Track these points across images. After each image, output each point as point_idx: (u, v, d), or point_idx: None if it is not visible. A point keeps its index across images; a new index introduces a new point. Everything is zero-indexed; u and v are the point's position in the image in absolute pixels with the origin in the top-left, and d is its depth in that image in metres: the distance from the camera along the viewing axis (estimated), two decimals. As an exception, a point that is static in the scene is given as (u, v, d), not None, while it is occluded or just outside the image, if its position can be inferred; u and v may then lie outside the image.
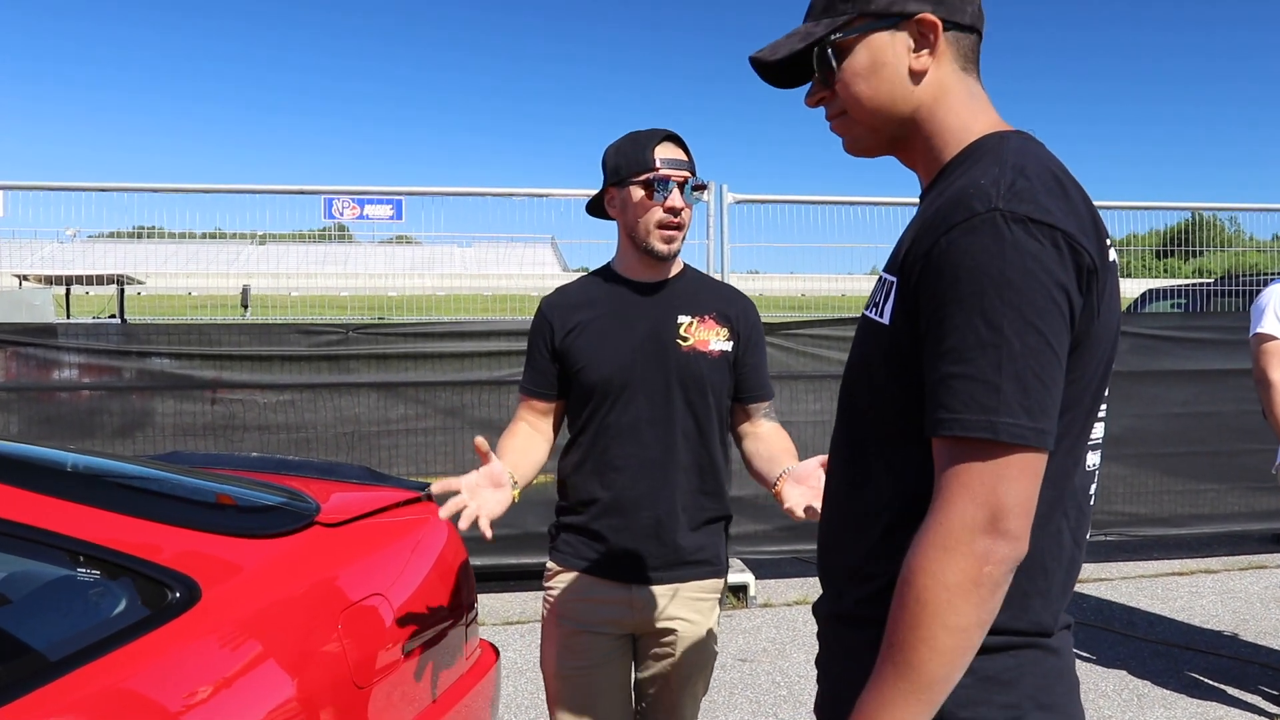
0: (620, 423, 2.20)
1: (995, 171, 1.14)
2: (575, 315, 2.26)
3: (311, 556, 2.12)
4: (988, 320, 1.06)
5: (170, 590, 1.81)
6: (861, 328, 1.31)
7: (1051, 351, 1.08)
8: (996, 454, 1.06)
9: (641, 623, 2.24)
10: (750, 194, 5.85)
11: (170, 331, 5.20)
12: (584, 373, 2.22)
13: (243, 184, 6.71)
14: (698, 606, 2.27)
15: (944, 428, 1.09)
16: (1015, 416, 1.06)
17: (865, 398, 1.27)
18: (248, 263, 18.58)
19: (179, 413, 5.12)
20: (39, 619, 1.73)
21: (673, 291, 2.28)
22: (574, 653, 2.24)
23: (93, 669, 1.61)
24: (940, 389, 1.10)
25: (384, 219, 7.39)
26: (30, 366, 5.06)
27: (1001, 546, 1.06)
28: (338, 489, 2.56)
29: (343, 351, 5.24)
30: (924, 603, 1.06)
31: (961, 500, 1.07)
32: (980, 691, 1.15)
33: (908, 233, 1.24)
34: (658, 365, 2.20)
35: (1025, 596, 1.16)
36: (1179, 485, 6.13)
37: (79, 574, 1.76)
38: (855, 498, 1.27)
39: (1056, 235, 1.09)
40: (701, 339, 2.23)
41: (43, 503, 1.75)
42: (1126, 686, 4.16)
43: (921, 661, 1.06)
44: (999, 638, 1.15)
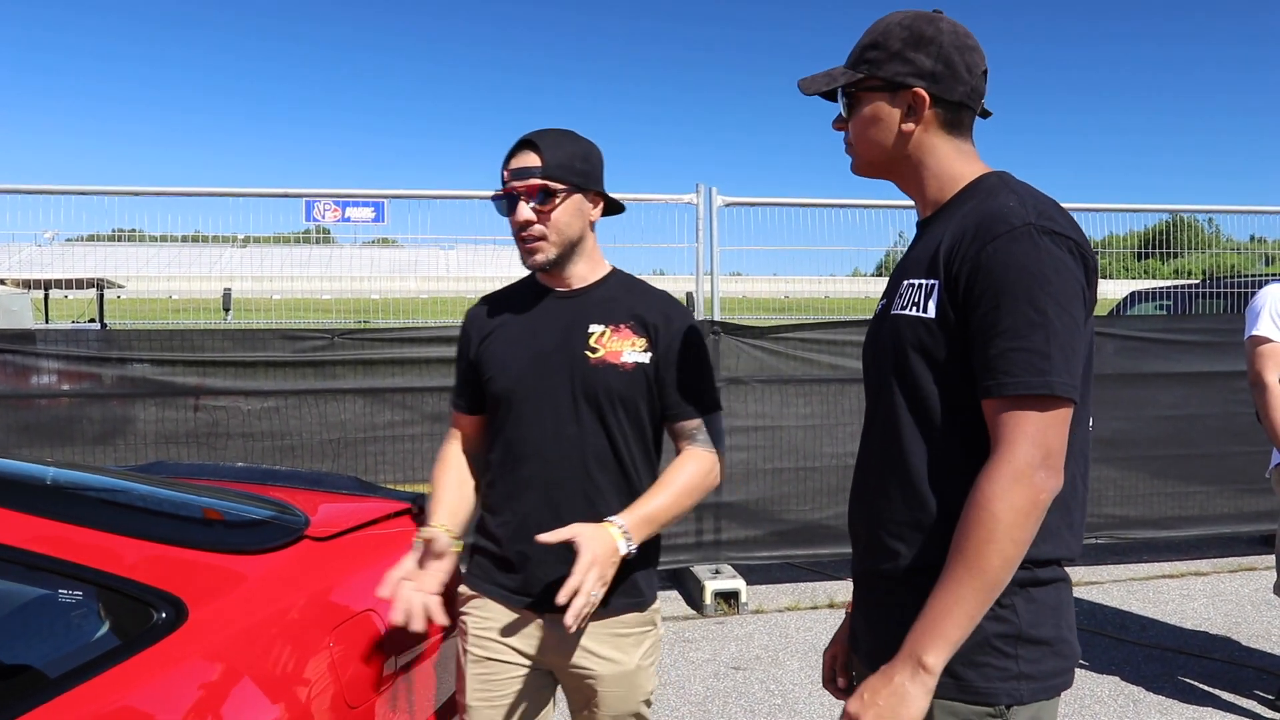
0: (524, 438, 2.05)
1: (1015, 200, 1.47)
2: (490, 323, 2.16)
3: (301, 572, 2.06)
4: (1035, 307, 1.38)
5: (156, 610, 1.74)
6: (891, 322, 1.58)
7: (1079, 329, 1.42)
8: (1049, 406, 1.38)
9: (557, 659, 2.08)
10: (740, 196, 5.81)
11: (152, 337, 5.10)
12: (490, 383, 2.11)
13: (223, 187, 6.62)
14: (619, 643, 2.07)
15: (1009, 389, 1.38)
16: (1061, 376, 1.37)
17: (900, 380, 1.54)
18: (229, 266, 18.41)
19: (161, 420, 5.03)
20: (19, 642, 1.66)
21: (590, 298, 2.12)
22: (485, 683, 2.08)
23: (76, 694, 1.55)
24: (1001, 360, 1.39)
25: (366, 221, 7.32)
26: (7, 373, 4.96)
27: (1052, 479, 1.38)
28: (326, 500, 2.50)
29: (327, 357, 5.17)
30: (999, 521, 1.35)
31: (1024, 443, 1.37)
32: (1043, 613, 1.47)
33: (935, 246, 1.52)
34: (562, 377, 2.05)
35: (1060, 529, 1.47)
36: (1168, 488, 6.12)
37: (60, 595, 1.69)
38: (904, 470, 1.53)
39: (1071, 244, 1.44)
40: (613, 350, 2.06)
41: (22, 520, 1.68)
42: (1121, 692, 4.14)
43: (993, 567, 1.36)
44: (1049, 569, 1.48)
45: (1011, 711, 1.45)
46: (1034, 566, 1.45)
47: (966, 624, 1.38)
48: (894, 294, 1.61)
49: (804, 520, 5.59)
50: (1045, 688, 1.47)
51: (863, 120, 1.64)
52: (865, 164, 1.68)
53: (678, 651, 4.66)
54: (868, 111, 1.62)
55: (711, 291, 5.77)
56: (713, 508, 5.52)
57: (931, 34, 1.57)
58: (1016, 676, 1.45)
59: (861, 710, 1.42)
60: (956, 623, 1.38)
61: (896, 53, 1.58)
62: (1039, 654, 1.46)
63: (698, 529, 5.52)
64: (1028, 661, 1.45)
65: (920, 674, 1.39)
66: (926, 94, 1.57)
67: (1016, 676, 1.45)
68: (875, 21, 1.66)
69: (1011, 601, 1.44)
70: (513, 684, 2.09)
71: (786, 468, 5.61)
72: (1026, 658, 1.45)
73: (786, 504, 5.60)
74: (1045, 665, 1.47)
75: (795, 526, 5.60)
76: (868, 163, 1.67)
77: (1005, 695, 1.44)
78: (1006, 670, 1.44)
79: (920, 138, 1.60)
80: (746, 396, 5.55)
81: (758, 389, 5.57)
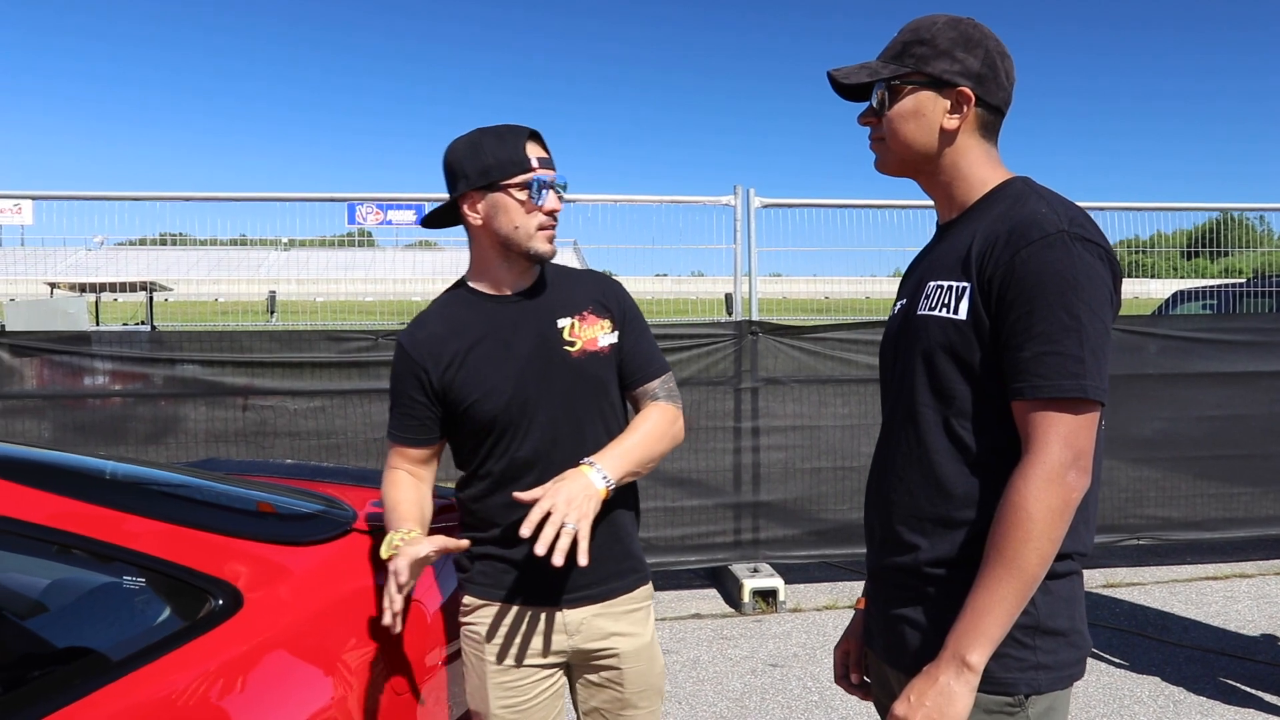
0: (528, 450, 2.04)
1: (1045, 206, 1.50)
2: (448, 348, 2.06)
3: (349, 563, 2.13)
4: (1069, 312, 1.43)
5: (212, 598, 1.82)
6: (918, 323, 1.61)
7: (1108, 333, 1.47)
8: (1081, 409, 1.42)
9: (579, 647, 2.09)
10: (778, 198, 5.84)
11: (201, 338, 5.24)
12: (475, 408, 2.03)
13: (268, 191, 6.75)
14: (633, 618, 2.13)
15: (1043, 391, 1.42)
16: (1094, 380, 1.42)
17: (928, 379, 1.58)
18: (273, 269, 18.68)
19: (210, 419, 5.16)
20: (84, 627, 1.74)
21: (542, 296, 2.11)
22: (509, 690, 2.08)
23: (136, 677, 1.63)
24: (1035, 363, 1.43)
25: (407, 224, 7.41)
26: (64, 373, 5.11)
27: (1083, 479, 1.42)
28: (372, 496, 2.57)
29: (371, 358, 5.27)
30: (1035, 521, 1.40)
31: (1057, 445, 1.41)
32: (1058, 605, 1.51)
33: (964, 248, 1.55)
34: (553, 381, 2.05)
35: (1076, 525, 1.50)
36: (1212, 489, 6.05)
37: (123, 582, 1.77)
38: (927, 465, 1.57)
39: (1101, 251, 1.48)
40: (589, 338, 2.08)
41: (87, 511, 1.76)
42: (1161, 693, 4.12)
43: (1030, 565, 1.41)
44: (1067, 563, 1.52)
45: (1030, 701, 1.49)
46: None
47: (1006, 621, 1.43)
48: (918, 294, 1.64)
49: (842, 520, 5.61)
50: (1061, 677, 1.51)
51: (902, 114, 1.64)
52: (897, 160, 1.68)
53: (716, 649, 4.70)
54: (909, 105, 1.63)
55: (750, 292, 5.80)
56: (751, 507, 5.55)
57: (979, 38, 1.61)
58: (1035, 667, 1.49)
59: (910, 712, 1.45)
60: (997, 620, 1.42)
61: (945, 51, 1.60)
62: (1055, 645, 1.51)
63: (736, 528, 5.56)
64: (1045, 652, 1.50)
65: (965, 673, 1.43)
66: (973, 94, 1.60)
67: (1035, 667, 1.49)
68: (914, 20, 1.67)
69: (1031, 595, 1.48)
70: (535, 686, 2.10)
71: (825, 467, 5.63)
72: (1044, 648, 1.50)
73: (825, 503, 5.62)
74: (1061, 655, 1.51)
75: (833, 526, 5.62)
76: (900, 159, 1.67)
77: (1024, 685, 1.49)
78: (1025, 661, 1.49)
79: (959, 138, 1.62)
80: (785, 397, 5.58)
81: (796, 389, 5.60)
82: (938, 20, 1.63)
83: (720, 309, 5.84)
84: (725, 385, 5.52)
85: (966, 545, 1.52)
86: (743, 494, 5.57)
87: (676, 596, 5.56)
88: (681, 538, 5.49)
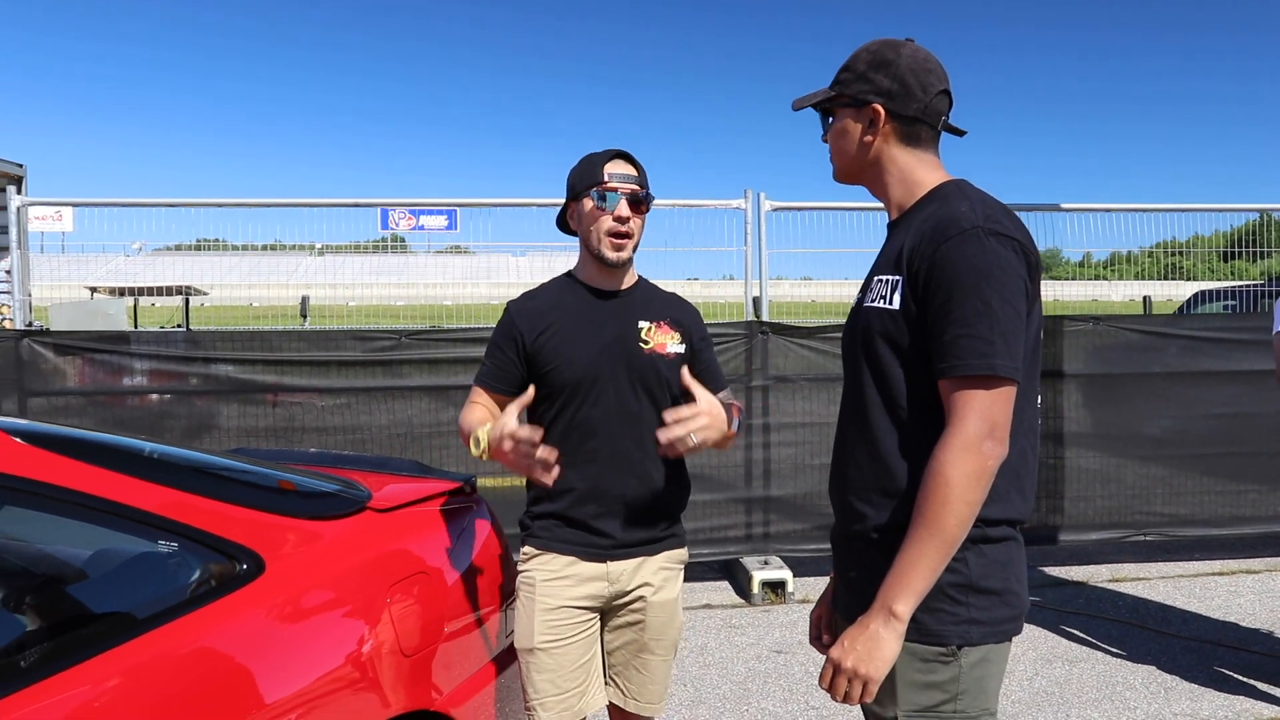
0: (592, 417, 2.36)
1: (967, 205, 1.69)
2: (544, 319, 2.43)
3: (363, 537, 2.34)
4: (982, 299, 1.60)
5: (239, 563, 2.03)
6: (864, 314, 1.81)
7: (1021, 319, 1.63)
8: (994, 385, 1.59)
9: (616, 594, 2.41)
10: (787, 201, 6.01)
11: (234, 338, 5.48)
12: (555, 372, 2.38)
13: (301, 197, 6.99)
14: (664, 575, 2.45)
15: (959, 370, 1.60)
16: (1004, 359, 1.59)
17: (869, 363, 1.76)
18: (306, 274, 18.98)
19: (242, 415, 5.40)
20: (126, 584, 1.96)
21: (631, 299, 2.47)
22: (553, 627, 2.37)
23: (170, 629, 1.84)
24: (953, 345, 1.61)
25: (439, 229, 7.60)
26: (105, 372, 5.38)
27: (998, 449, 1.59)
28: (389, 480, 2.77)
29: (395, 357, 5.49)
30: (952, 486, 1.57)
31: (973, 418, 1.59)
32: (992, 567, 1.68)
33: (900, 246, 1.74)
34: (624, 365, 2.38)
35: (1009, 493, 1.68)
36: (1219, 486, 6.14)
37: (161, 546, 1.98)
38: (881, 436, 1.74)
39: (1015, 244, 1.65)
40: (660, 342, 2.44)
41: (130, 483, 1.97)
42: (1154, 680, 4.24)
43: (948, 525, 1.58)
44: (999, 527, 1.68)
45: (962, 652, 1.66)
46: (985, 525, 1.66)
47: (930, 576, 1.60)
48: (866, 289, 1.83)
49: (851, 515, 5.73)
50: (994, 632, 1.68)
51: (835, 133, 1.88)
52: (839, 171, 1.92)
53: (724, 636, 4.88)
54: (838, 125, 1.87)
55: (760, 294, 5.97)
56: (762, 501, 5.72)
57: (891, 58, 1.80)
58: (967, 621, 1.66)
59: (843, 656, 1.64)
60: (920, 575, 1.60)
61: (861, 74, 1.82)
62: (988, 603, 1.68)
63: (747, 522, 5.73)
64: (978, 609, 1.67)
65: (892, 621, 1.61)
66: (883, 109, 1.79)
67: (967, 621, 1.66)
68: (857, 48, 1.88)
69: (963, 556, 1.65)
70: (575, 626, 2.39)
71: (834, 463, 5.76)
72: (977, 605, 1.67)
73: (834, 499, 5.75)
74: (995, 613, 1.68)
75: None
76: (841, 170, 1.91)
77: (957, 637, 1.66)
78: (958, 615, 1.66)
79: (880, 148, 1.83)
80: (794, 394, 5.74)
81: (805, 387, 5.75)
82: (865, 47, 1.85)
83: (749, 312, 6.01)
84: (737, 383, 5.68)
85: (904, 512, 1.68)
86: (754, 489, 5.74)
87: (689, 588, 5.73)
88: (694, 531, 5.66)
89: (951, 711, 1.67)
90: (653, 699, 2.49)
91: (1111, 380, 6.07)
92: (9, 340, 5.25)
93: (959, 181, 1.81)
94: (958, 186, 1.78)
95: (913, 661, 1.66)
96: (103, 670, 1.70)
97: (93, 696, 1.67)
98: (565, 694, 2.37)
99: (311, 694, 1.98)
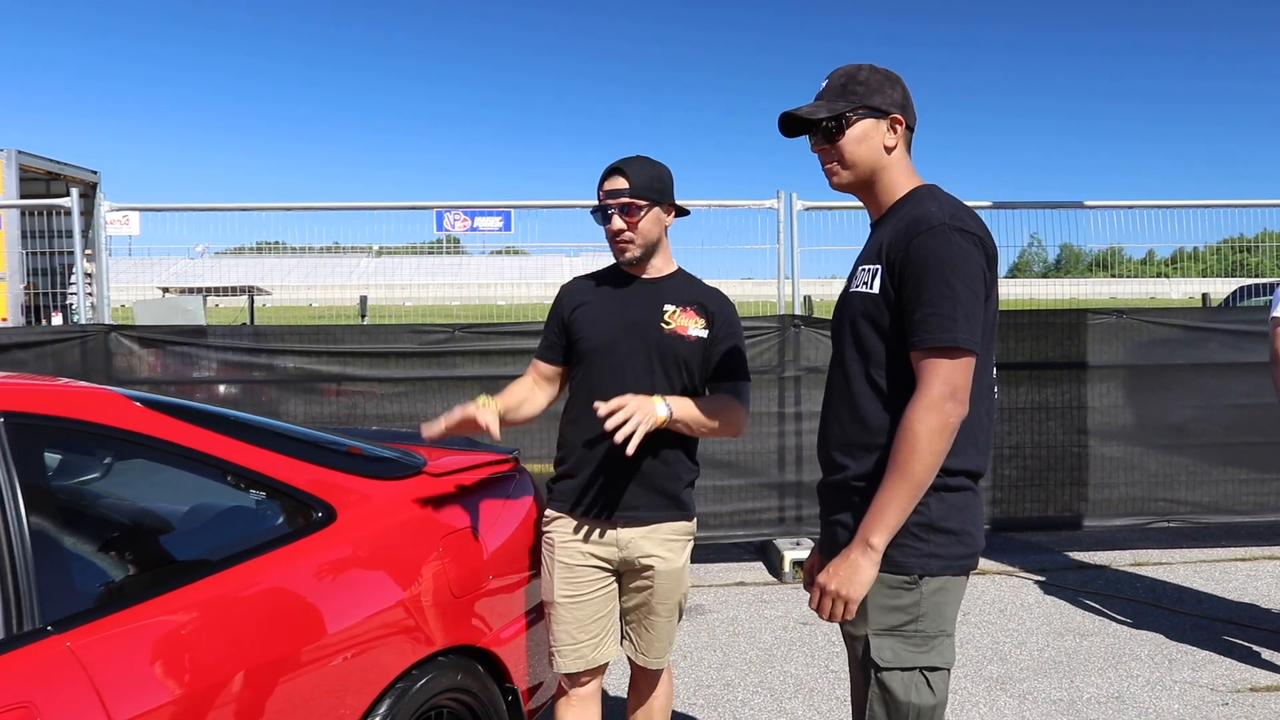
0: (607, 384, 2.63)
1: (936, 206, 2.00)
2: (581, 297, 2.79)
3: (419, 496, 2.70)
4: (946, 284, 1.91)
5: (315, 511, 2.40)
6: (848, 298, 2.13)
7: (979, 301, 1.94)
8: (956, 355, 1.90)
9: (625, 558, 2.68)
10: (819, 201, 6.29)
11: (300, 332, 5.92)
12: (581, 341, 2.72)
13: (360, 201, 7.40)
14: (670, 546, 2.70)
15: (927, 342, 1.91)
16: (964, 333, 1.90)
17: (853, 339, 2.07)
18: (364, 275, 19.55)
19: (307, 404, 5.83)
20: (222, 525, 2.34)
21: (664, 286, 2.76)
22: (569, 584, 2.69)
23: (262, 561, 2.22)
24: (923, 322, 1.91)
25: (493, 230, 7.92)
26: (181, 364, 5.84)
27: (958, 409, 1.90)
28: (443, 453, 3.14)
29: (449, 349, 5.88)
30: (919, 438, 1.88)
31: (937, 382, 1.90)
32: (950, 511, 1.99)
33: (880, 241, 2.05)
34: (641, 341, 2.67)
35: (967, 449, 1.99)
36: (1244, 474, 6.28)
37: (252, 495, 2.36)
38: (862, 400, 2.05)
39: (975, 239, 1.97)
40: (681, 324, 2.70)
41: (229, 443, 2.35)
42: (1160, 651, 4.47)
43: (915, 471, 1.89)
44: (958, 478, 1.99)
45: (923, 581, 1.98)
46: (945, 475, 1.96)
47: (900, 515, 1.92)
48: (852, 277, 2.15)
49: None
50: (950, 566, 2.00)
51: (855, 139, 2.09)
52: (852, 176, 2.14)
53: (754, 610, 5.19)
54: (858, 132, 2.09)
55: (793, 292, 6.26)
56: (794, 486, 6.01)
57: (895, 77, 2.13)
58: (928, 555, 1.98)
59: (828, 580, 1.98)
60: (892, 513, 1.92)
61: (877, 88, 2.10)
62: (946, 541, 1.99)
63: (780, 506, 6.02)
64: (938, 545, 1.98)
65: (869, 551, 1.94)
66: (902, 118, 2.10)
67: (928, 555, 1.98)
68: (841, 69, 2.16)
69: (926, 500, 1.96)
70: (591, 584, 2.71)
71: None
72: (936, 542, 1.98)
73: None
74: (952, 549, 2.00)
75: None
76: (854, 175, 2.13)
77: (918, 568, 1.98)
78: (920, 550, 1.98)
79: (896, 153, 2.11)
80: (825, 384, 6.00)
81: (835, 378, 6.02)
82: (862, 67, 2.14)
83: (801, 309, 6.31)
84: (770, 374, 5.99)
85: (880, 463, 1.97)
86: (786, 474, 6.03)
87: (725, 568, 6.05)
88: (730, 514, 5.97)
89: (913, 631, 1.98)
90: (658, 654, 2.78)
91: (1136, 371, 6.26)
92: (99, 333, 5.74)
93: (931, 186, 2.13)
94: (929, 190, 2.10)
95: (881, 589, 1.98)
96: (212, 588, 2.09)
97: (207, 603, 2.06)
98: (579, 644, 2.69)
99: (373, 621, 2.35)
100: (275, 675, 2.10)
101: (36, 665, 1.74)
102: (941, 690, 2.01)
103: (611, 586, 2.75)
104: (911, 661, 1.98)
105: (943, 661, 2.01)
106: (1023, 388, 6.20)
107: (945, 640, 2.01)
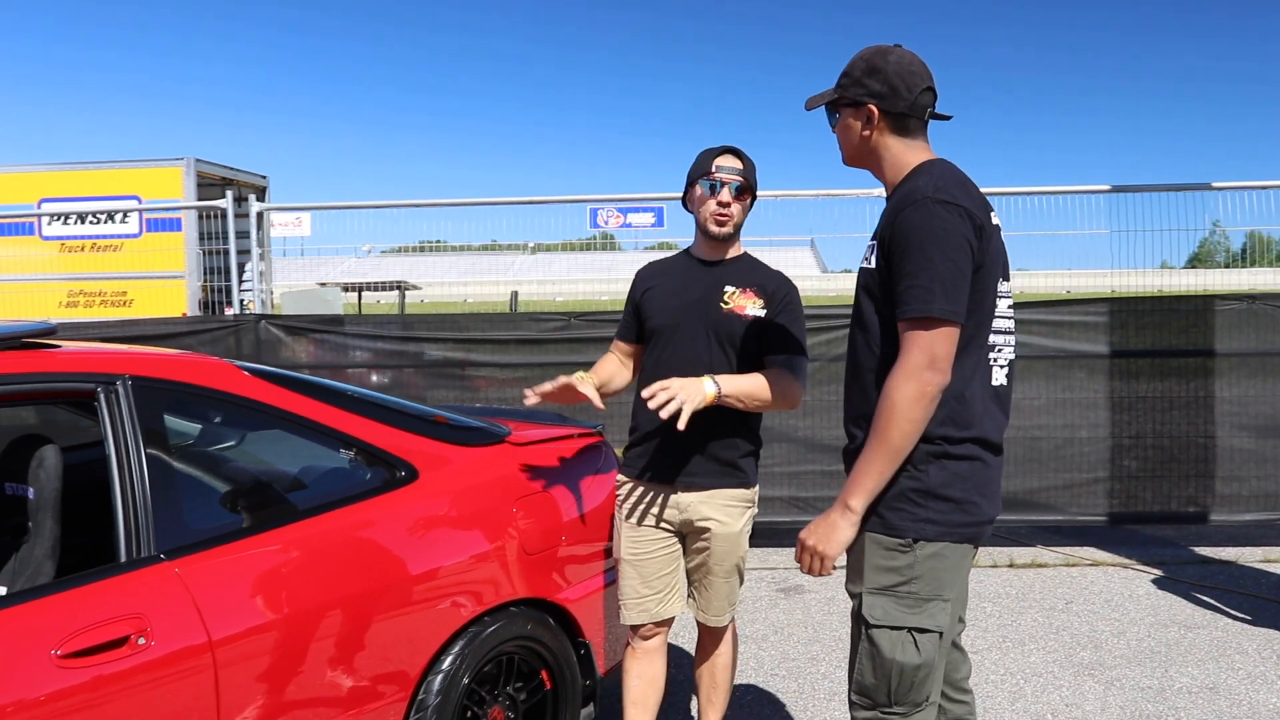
0: (670, 360, 2.84)
1: (925, 179, 2.08)
2: (652, 280, 3.01)
3: (497, 461, 2.97)
4: (926, 255, 1.97)
5: (398, 470, 2.69)
6: (860, 274, 2.21)
7: (961, 273, 1.99)
8: (934, 325, 1.96)
9: (685, 521, 2.86)
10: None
11: (428, 321, 6.34)
12: (649, 320, 2.94)
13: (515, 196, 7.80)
14: (728, 511, 2.85)
15: (907, 313, 1.98)
16: (942, 303, 1.95)
17: (859, 314, 2.18)
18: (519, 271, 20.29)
19: (433, 385, 6.24)
20: (312, 479, 2.66)
21: (727, 268, 2.93)
22: (635, 543, 2.90)
23: (347, 510, 2.53)
24: (904, 294, 1.98)
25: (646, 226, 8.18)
26: (321, 349, 6.35)
27: (936, 377, 1.95)
28: (530, 426, 3.39)
29: (564, 335, 6.18)
30: (897, 405, 1.95)
31: (915, 351, 1.96)
32: (952, 479, 2.05)
33: (883, 217, 2.14)
34: (701, 319, 2.85)
35: (982, 417, 2.07)
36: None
37: (342, 453, 2.67)
38: (865, 371, 2.14)
39: (960, 210, 2.02)
40: (739, 304, 2.86)
41: (325, 409, 2.66)
42: (1269, 646, 4.33)
43: (893, 438, 1.96)
44: (963, 445, 2.05)
45: (918, 545, 2.05)
46: (947, 443, 2.04)
47: (878, 478, 2.00)
48: (864, 256, 2.25)
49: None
50: (947, 533, 2.05)
51: (840, 128, 2.28)
52: (847, 158, 2.31)
53: (805, 578, 5.26)
54: (843, 122, 2.26)
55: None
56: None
57: (880, 65, 2.17)
58: (924, 520, 2.04)
59: (807, 536, 2.08)
60: (870, 477, 2.00)
61: (857, 80, 2.20)
62: (946, 508, 2.05)
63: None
64: (935, 511, 2.04)
65: (847, 513, 2.03)
66: (876, 109, 2.17)
67: (924, 520, 2.04)
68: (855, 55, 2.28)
69: (925, 467, 2.03)
70: (655, 544, 2.91)
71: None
72: (934, 509, 2.04)
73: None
74: (951, 517, 2.05)
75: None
76: (848, 157, 2.30)
77: (913, 532, 2.04)
78: (916, 515, 2.04)
79: (876, 139, 2.20)
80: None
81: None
82: (861, 54, 2.23)
83: None
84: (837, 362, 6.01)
85: None
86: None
87: (788, 550, 6.10)
88: (790, 500, 6.02)
89: (906, 592, 2.05)
90: (718, 612, 2.95)
91: (1266, 359, 6.01)
92: (250, 322, 6.30)
93: (933, 160, 2.17)
94: (929, 165, 2.14)
95: (878, 549, 2.08)
96: (301, 530, 2.41)
97: (296, 542, 2.39)
98: (644, 598, 2.90)
99: (448, 569, 2.62)
100: (353, 610, 2.39)
101: (149, 585, 2.07)
102: (929, 652, 2.06)
103: (675, 547, 2.93)
104: (901, 621, 2.05)
105: (934, 625, 2.06)
106: (1143, 377, 6.04)
107: (940, 604, 2.06)
